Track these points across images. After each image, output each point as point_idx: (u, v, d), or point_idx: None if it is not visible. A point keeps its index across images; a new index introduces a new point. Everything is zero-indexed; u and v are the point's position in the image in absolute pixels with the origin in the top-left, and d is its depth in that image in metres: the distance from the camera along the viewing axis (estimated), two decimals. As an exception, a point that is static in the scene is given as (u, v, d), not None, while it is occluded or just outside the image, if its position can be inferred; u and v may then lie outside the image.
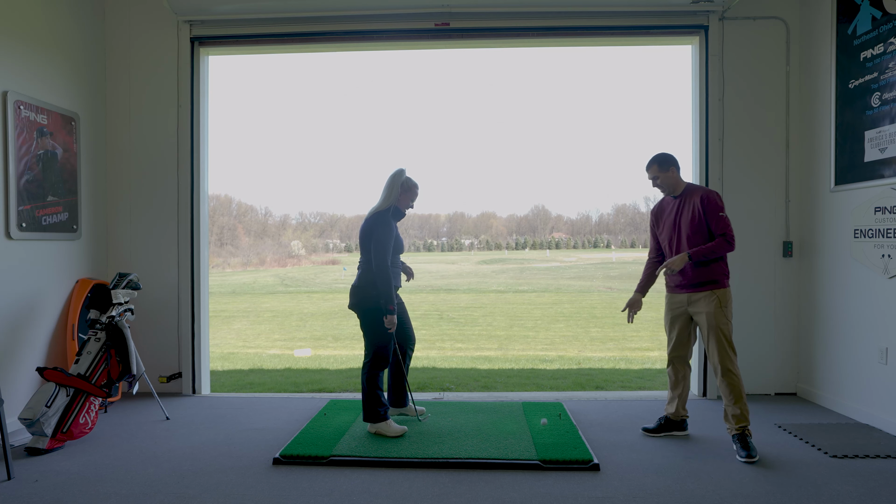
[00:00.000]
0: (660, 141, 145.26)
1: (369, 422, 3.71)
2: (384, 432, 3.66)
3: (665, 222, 3.64)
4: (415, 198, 3.86)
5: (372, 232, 3.67)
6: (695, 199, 3.48)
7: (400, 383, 4.03)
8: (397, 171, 3.80)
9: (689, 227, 3.48)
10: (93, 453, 3.46)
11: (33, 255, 4.08)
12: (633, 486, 2.94)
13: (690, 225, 3.47)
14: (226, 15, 4.71)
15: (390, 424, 3.69)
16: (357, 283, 3.73)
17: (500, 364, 7.64)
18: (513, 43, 4.97)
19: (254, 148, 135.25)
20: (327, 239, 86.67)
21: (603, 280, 27.41)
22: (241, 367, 7.35)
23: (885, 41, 3.81)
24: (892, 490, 2.89)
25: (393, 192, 3.76)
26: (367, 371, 3.71)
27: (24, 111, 3.96)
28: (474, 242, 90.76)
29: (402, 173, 3.80)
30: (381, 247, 3.61)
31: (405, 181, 3.80)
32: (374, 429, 3.70)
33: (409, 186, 3.82)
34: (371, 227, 3.69)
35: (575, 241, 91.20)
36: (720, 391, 3.47)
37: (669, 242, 3.61)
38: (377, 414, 3.68)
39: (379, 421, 3.69)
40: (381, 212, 3.72)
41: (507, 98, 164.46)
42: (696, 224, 3.46)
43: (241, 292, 23.80)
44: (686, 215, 3.50)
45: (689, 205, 3.50)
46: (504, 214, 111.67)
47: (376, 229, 3.65)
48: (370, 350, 3.70)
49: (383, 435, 3.65)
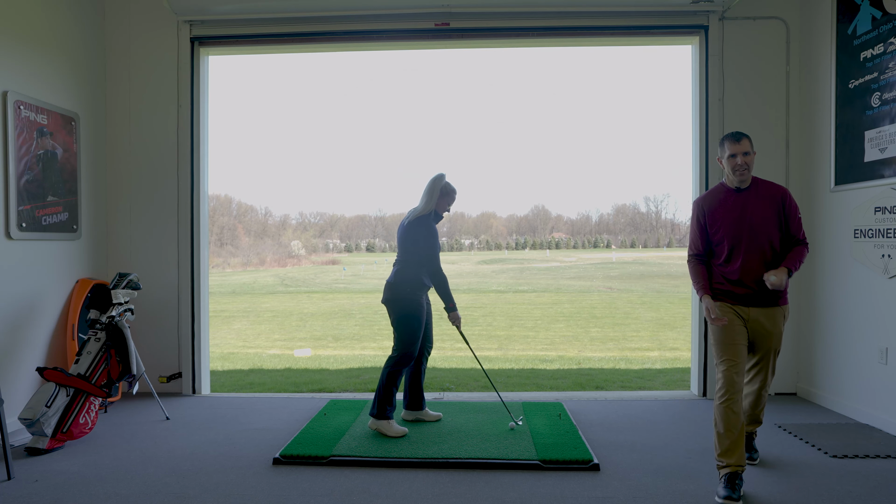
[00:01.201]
0: (660, 141, 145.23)
1: (374, 417, 3.72)
2: (384, 431, 3.68)
3: (724, 219, 3.04)
4: (452, 202, 3.93)
5: (415, 235, 3.75)
6: (773, 196, 2.99)
7: (417, 386, 4.04)
8: (437, 175, 3.87)
9: (767, 227, 2.97)
10: (93, 453, 3.46)
11: (33, 255, 4.08)
12: (633, 486, 2.94)
13: (769, 225, 2.97)
14: (226, 15, 4.71)
15: (392, 424, 3.70)
16: (392, 279, 3.81)
17: (500, 364, 7.64)
18: (513, 43, 4.97)
19: (254, 148, 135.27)
20: (327, 239, 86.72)
21: (603, 280, 27.41)
22: (241, 367, 7.35)
23: (885, 41, 3.81)
24: (892, 490, 2.89)
25: (433, 197, 3.82)
26: (391, 366, 3.75)
27: (24, 111, 3.96)
28: (474, 242, 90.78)
29: (441, 178, 3.87)
30: (431, 252, 3.73)
31: (444, 186, 3.87)
32: (375, 425, 3.71)
33: (448, 191, 3.88)
34: (414, 230, 3.76)
35: (575, 241, 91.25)
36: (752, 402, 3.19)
37: (735, 242, 3.00)
38: (384, 411, 3.70)
39: (382, 418, 3.70)
40: (424, 216, 3.80)
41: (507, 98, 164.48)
42: (777, 224, 2.98)
43: (241, 292, 23.81)
44: (760, 212, 2.97)
45: (764, 201, 2.98)
46: (504, 214, 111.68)
47: (420, 234, 3.74)
48: (398, 346, 3.76)
49: (382, 433, 3.67)
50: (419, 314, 3.75)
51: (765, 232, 2.98)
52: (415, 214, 3.81)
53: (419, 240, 3.74)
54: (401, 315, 3.73)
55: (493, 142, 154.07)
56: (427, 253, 3.73)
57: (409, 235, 3.77)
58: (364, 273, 37.09)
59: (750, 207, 3.01)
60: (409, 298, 3.72)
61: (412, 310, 3.73)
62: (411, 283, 3.73)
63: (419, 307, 3.75)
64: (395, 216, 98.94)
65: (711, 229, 3.11)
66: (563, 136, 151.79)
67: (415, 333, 3.74)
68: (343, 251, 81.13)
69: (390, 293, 3.79)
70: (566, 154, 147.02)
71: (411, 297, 3.72)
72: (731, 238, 3.02)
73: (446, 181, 3.88)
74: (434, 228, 3.81)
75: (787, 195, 3.02)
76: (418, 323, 3.75)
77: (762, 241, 2.98)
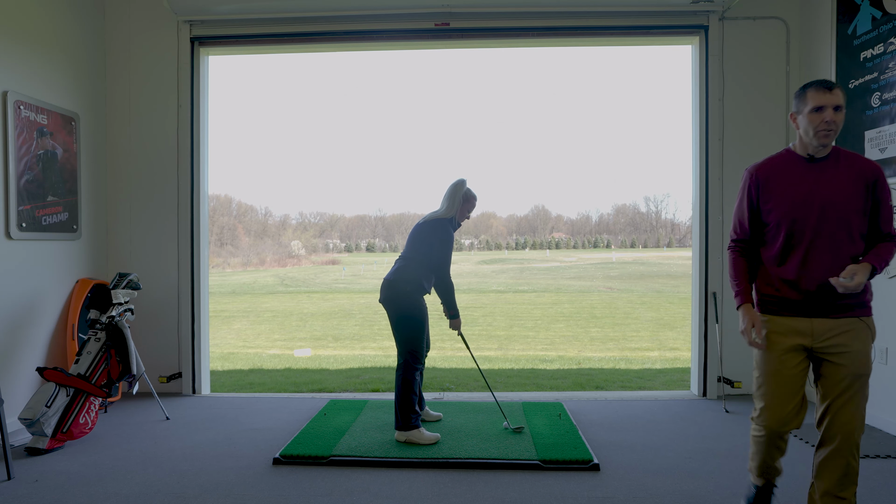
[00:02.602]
0: (660, 141, 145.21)
1: (401, 430, 3.52)
2: (416, 440, 3.48)
3: (785, 193, 2.28)
4: (472, 209, 3.82)
5: (430, 238, 3.61)
6: (861, 172, 2.23)
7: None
8: (459, 181, 3.73)
9: (846, 212, 2.20)
10: (93, 453, 3.46)
11: (33, 255, 4.07)
12: (633, 486, 2.94)
13: (849, 208, 2.20)
14: (226, 15, 4.71)
15: (422, 432, 3.53)
16: (391, 277, 3.63)
17: (500, 364, 7.63)
18: (513, 43, 4.97)
19: (254, 148, 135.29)
20: (327, 239, 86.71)
21: (603, 280, 27.41)
22: (241, 367, 7.34)
23: (885, 41, 3.82)
24: (892, 490, 2.89)
25: (455, 202, 3.70)
26: (402, 373, 3.55)
27: (24, 111, 3.96)
28: (474, 242, 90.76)
29: (463, 184, 3.73)
30: (442, 258, 3.60)
31: (466, 192, 3.74)
32: (404, 437, 3.51)
33: (469, 198, 3.76)
34: (430, 233, 3.63)
35: (575, 241, 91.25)
36: (829, 474, 2.23)
37: (797, 226, 2.24)
38: (409, 420, 3.51)
39: (410, 429, 3.51)
40: (444, 220, 3.66)
41: (506, 98, 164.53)
42: (860, 209, 2.21)
43: (241, 292, 23.80)
44: (839, 191, 2.21)
45: (846, 177, 2.22)
46: (504, 214, 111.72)
47: (437, 237, 3.61)
48: (402, 349, 3.58)
49: (415, 443, 3.48)
50: (420, 312, 3.59)
51: (842, 217, 2.20)
52: (435, 216, 3.68)
53: (434, 243, 3.59)
54: (401, 314, 3.56)
55: (493, 142, 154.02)
56: (439, 260, 3.58)
57: (423, 236, 3.63)
58: (364, 273, 37.09)
59: (825, 182, 2.23)
60: (410, 297, 3.55)
61: (413, 308, 3.55)
62: (412, 283, 3.55)
63: (420, 305, 3.60)
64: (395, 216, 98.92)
65: (765, 207, 2.32)
66: (563, 136, 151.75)
67: (417, 331, 3.55)
68: (343, 251, 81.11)
69: (389, 291, 3.60)
70: (566, 154, 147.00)
71: (411, 296, 3.55)
72: (790, 221, 2.24)
73: (468, 188, 3.74)
74: (451, 235, 3.65)
75: (881, 174, 2.24)
76: (420, 321, 3.57)
77: (836, 230, 2.20)
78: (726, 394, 4.69)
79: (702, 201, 4.75)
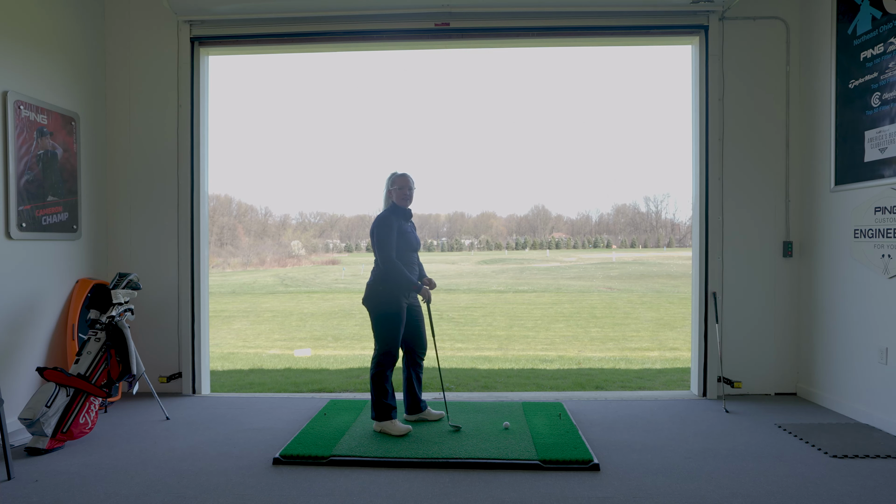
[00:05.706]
0: (660, 141, 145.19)
1: (375, 420, 3.76)
2: (388, 431, 3.70)
3: None
4: (406, 187, 3.88)
5: (372, 236, 3.81)
6: None
7: (413, 391, 4.04)
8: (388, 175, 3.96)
9: None
10: (93, 453, 3.46)
11: (33, 256, 4.07)
12: (633, 486, 2.94)
13: None
14: (226, 15, 4.70)
15: (395, 424, 3.72)
16: (369, 280, 3.87)
17: (500, 364, 7.63)
18: (513, 43, 4.97)
19: (254, 148, 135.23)
20: (327, 239, 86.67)
21: (603, 280, 27.40)
22: (241, 367, 7.34)
23: (885, 41, 3.81)
24: (892, 490, 2.89)
25: (385, 193, 3.92)
26: (374, 367, 3.79)
27: (24, 111, 3.96)
28: (474, 242, 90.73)
29: (390, 174, 3.92)
30: (382, 244, 3.75)
31: (390, 176, 3.92)
32: (378, 427, 3.75)
33: (394, 179, 3.91)
34: (372, 228, 3.82)
35: (575, 241, 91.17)
36: None
37: None
38: (381, 411, 3.74)
39: (382, 419, 3.73)
40: (381, 213, 3.87)
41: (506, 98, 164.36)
42: None
43: (241, 292, 23.80)
44: None
45: None
46: (504, 214, 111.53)
47: (375, 230, 3.79)
48: (376, 345, 3.81)
49: (387, 434, 3.68)
50: (396, 312, 3.75)
51: None
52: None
53: (374, 237, 3.78)
54: (378, 314, 3.77)
55: (494, 142, 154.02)
56: (378, 245, 3.74)
57: (372, 235, 3.82)
58: (364, 273, 37.05)
59: None
60: (384, 297, 3.75)
61: (388, 308, 3.74)
62: (382, 282, 3.76)
63: (396, 305, 3.75)
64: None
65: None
66: (562, 136, 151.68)
67: (392, 331, 3.75)
68: (343, 251, 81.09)
69: (366, 292, 3.87)
70: (566, 154, 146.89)
71: (386, 296, 3.74)
72: None
73: (393, 172, 3.93)
74: (389, 222, 3.76)
75: None
76: (395, 321, 3.75)
77: None
78: (726, 394, 4.69)
79: (702, 201, 4.75)
